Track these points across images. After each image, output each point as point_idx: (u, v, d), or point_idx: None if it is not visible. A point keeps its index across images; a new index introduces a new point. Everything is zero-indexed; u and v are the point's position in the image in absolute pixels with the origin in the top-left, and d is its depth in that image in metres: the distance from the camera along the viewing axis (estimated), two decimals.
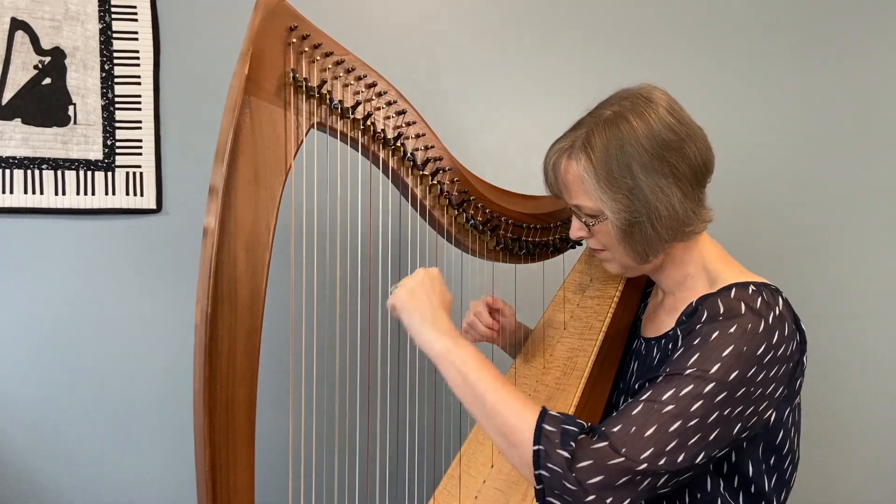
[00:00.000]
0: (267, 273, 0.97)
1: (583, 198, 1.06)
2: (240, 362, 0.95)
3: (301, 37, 1.00)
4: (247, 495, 0.96)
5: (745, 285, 1.03)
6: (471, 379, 0.97)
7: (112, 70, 1.62)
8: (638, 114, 1.03)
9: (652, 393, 0.95)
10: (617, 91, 1.09)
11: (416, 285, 1.05)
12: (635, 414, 0.93)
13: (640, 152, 1.01)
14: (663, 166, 1.02)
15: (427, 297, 1.04)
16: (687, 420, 0.92)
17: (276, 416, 1.35)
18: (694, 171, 1.04)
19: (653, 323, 1.18)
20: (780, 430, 1.03)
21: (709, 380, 0.93)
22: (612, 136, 1.02)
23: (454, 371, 0.98)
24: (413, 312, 1.03)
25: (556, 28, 1.82)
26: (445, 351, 0.99)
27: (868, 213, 1.96)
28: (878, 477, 2.00)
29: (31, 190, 1.59)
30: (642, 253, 1.06)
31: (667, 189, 1.02)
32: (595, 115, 1.07)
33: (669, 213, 1.03)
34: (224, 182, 0.93)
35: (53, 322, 1.64)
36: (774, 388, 0.98)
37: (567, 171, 1.07)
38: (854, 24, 1.93)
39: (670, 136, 1.02)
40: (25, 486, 1.64)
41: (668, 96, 1.06)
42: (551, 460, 0.90)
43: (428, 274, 1.07)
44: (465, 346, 1.00)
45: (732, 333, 0.96)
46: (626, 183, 1.02)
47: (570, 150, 1.06)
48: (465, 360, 0.98)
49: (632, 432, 0.91)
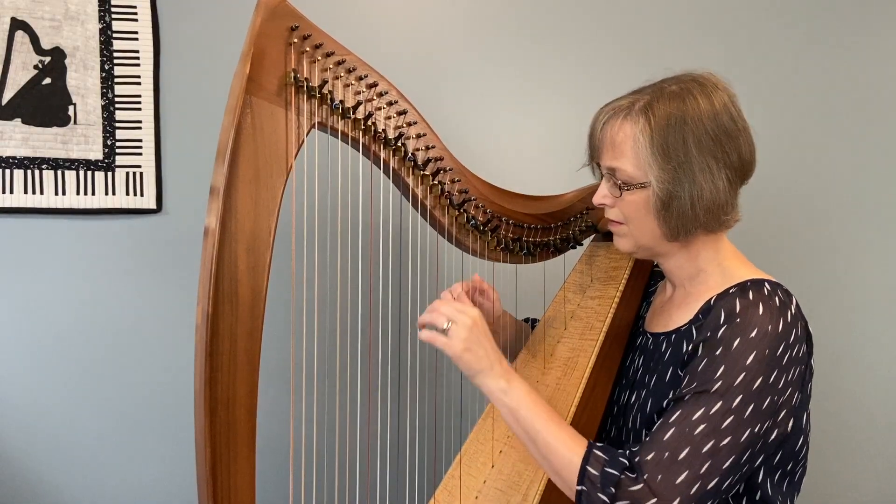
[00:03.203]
0: (268, 273, 0.97)
1: (627, 160, 1.06)
2: (240, 362, 0.95)
3: (302, 37, 1.00)
4: (247, 495, 0.96)
5: (761, 283, 1.03)
6: (522, 416, 1.01)
7: (112, 70, 1.62)
8: (705, 94, 1.04)
9: (681, 413, 0.96)
10: (682, 72, 1.10)
11: (469, 336, 1.03)
12: (668, 439, 0.95)
13: (700, 130, 1.02)
14: (717, 150, 1.03)
15: (481, 346, 1.03)
16: (720, 439, 0.94)
17: (276, 416, 1.34)
18: (742, 164, 1.06)
19: (660, 318, 1.18)
20: (800, 437, 1.05)
21: (736, 391, 0.95)
22: (675, 108, 1.03)
23: (507, 411, 1.03)
24: (471, 365, 1.03)
25: (558, 29, 1.82)
26: (501, 393, 1.03)
27: (869, 212, 1.96)
28: (878, 477, 2.00)
29: (31, 190, 1.59)
30: (674, 229, 1.06)
31: (716, 172, 1.03)
32: (658, 86, 1.07)
33: (712, 196, 1.03)
34: (225, 182, 0.93)
35: (53, 322, 1.63)
36: (791, 392, 0.99)
37: (620, 130, 1.06)
38: (854, 24, 1.93)
39: (730, 124, 1.04)
40: (25, 487, 1.64)
41: (731, 88, 1.08)
42: (592, 501, 0.95)
43: (474, 320, 1.04)
44: (518, 385, 1.03)
45: (753, 338, 0.97)
46: (679, 156, 1.02)
47: (629, 111, 1.06)
48: (519, 400, 1.02)
49: (665, 458, 0.94)
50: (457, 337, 1.03)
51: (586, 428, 1.13)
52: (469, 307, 1.06)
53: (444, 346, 1.04)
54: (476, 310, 1.06)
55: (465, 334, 1.03)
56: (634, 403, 1.13)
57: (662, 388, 1.07)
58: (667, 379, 1.07)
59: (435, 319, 1.05)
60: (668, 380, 1.07)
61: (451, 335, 1.03)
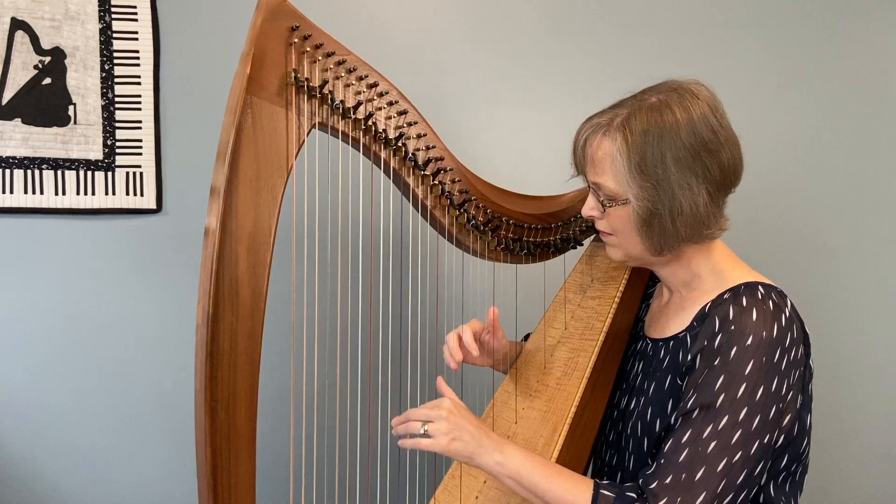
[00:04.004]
0: (268, 273, 0.97)
1: (608, 177, 1.05)
2: (241, 362, 0.95)
3: (303, 37, 1.00)
4: (247, 495, 0.96)
5: (755, 287, 1.03)
6: (525, 481, 1.01)
7: (112, 70, 1.62)
8: (684, 107, 1.01)
9: (691, 433, 0.96)
10: (665, 80, 1.07)
11: (450, 428, 1.02)
12: (682, 461, 0.95)
13: (678, 145, 1.00)
14: (696, 164, 1.01)
15: (465, 431, 1.02)
16: (732, 455, 0.94)
17: (276, 416, 1.34)
18: (724, 177, 1.03)
19: (658, 323, 1.17)
20: (804, 439, 1.05)
21: (740, 404, 0.95)
22: (653, 123, 1.01)
23: (510, 481, 1.02)
24: (462, 452, 1.02)
25: (558, 29, 1.82)
26: (499, 467, 1.02)
27: (868, 213, 1.96)
28: (879, 477, 2.00)
29: (31, 190, 1.59)
30: (657, 245, 1.06)
31: (695, 187, 1.01)
32: (639, 98, 1.05)
33: (692, 212, 1.02)
34: (225, 182, 0.93)
35: (53, 322, 1.63)
36: (793, 396, 0.99)
37: (599, 148, 1.05)
38: (855, 24, 1.93)
39: (710, 136, 1.01)
40: (25, 487, 1.64)
41: (714, 96, 1.05)
42: None
43: (448, 410, 1.03)
44: (512, 453, 1.02)
45: (750, 346, 0.96)
46: (657, 173, 1.01)
47: (607, 128, 1.04)
48: (518, 466, 1.01)
49: (682, 480, 0.94)
50: (439, 433, 1.01)
51: (586, 428, 1.13)
52: (440, 400, 1.05)
53: (429, 447, 1.02)
54: (446, 399, 1.05)
55: (446, 427, 1.01)
56: (634, 410, 1.13)
57: (661, 396, 1.07)
58: (665, 387, 1.07)
59: (410, 428, 1.04)
60: (666, 388, 1.07)
61: (433, 434, 1.02)
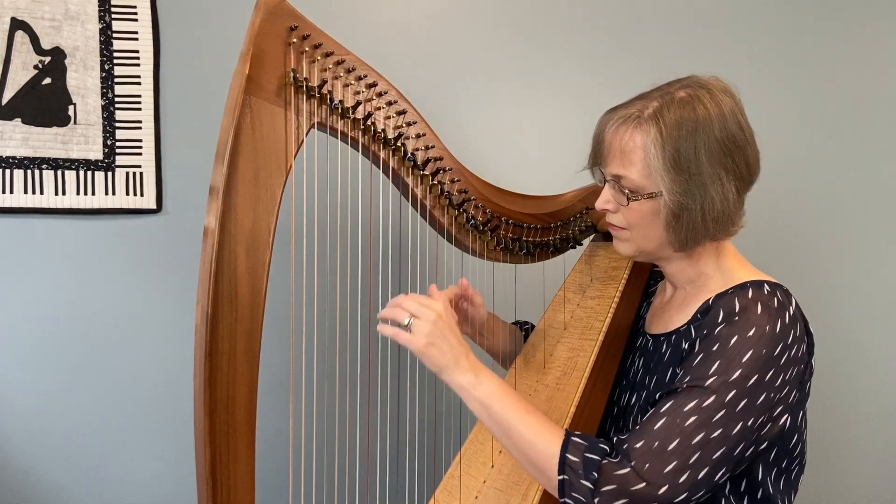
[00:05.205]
0: (267, 273, 0.97)
1: (635, 170, 1.03)
2: (240, 362, 0.95)
3: (301, 37, 1.00)
4: (247, 495, 0.96)
5: (760, 284, 1.03)
6: (494, 411, 0.98)
7: (112, 70, 1.62)
8: (715, 102, 1.01)
9: (673, 404, 0.95)
10: (688, 76, 1.06)
11: (432, 331, 0.99)
12: (658, 428, 0.94)
13: (711, 139, 1.00)
14: (727, 160, 1.01)
15: (445, 340, 1.00)
16: (710, 431, 0.93)
17: (276, 416, 1.35)
18: (749, 173, 1.04)
19: (660, 319, 1.17)
20: (794, 435, 1.04)
21: (730, 387, 0.94)
22: (686, 117, 1.00)
23: (478, 405, 0.99)
24: (435, 360, 1.00)
25: (558, 28, 1.82)
26: (470, 387, 0.99)
27: (868, 213, 1.96)
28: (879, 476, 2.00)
29: (31, 190, 1.59)
30: (682, 240, 1.04)
31: (726, 183, 1.01)
32: (665, 91, 1.04)
33: (723, 207, 1.02)
34: (224, 182, 0.93)
35: (53, 322, 1.64)
36: (788, 391, 0.99)
37: (631, 139, 1.03)
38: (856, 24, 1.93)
39: (738, 132, 1.02)
40: (25, 487, 1.64)
41: (736, 95, 1.05)
42: (575, 490, 0.93)
43: (438, 314, 1.00)
44: (487, 378, 1.00)
45: (751, 337, 0.96)
46: (690, 168, 1.00)
47: (638, 120, 1.02)
48: (490, 393, 0.99)
49: (655, 447, 0.93)
50: (419, 332, 0.99)
51: (586, 428, 1.13)
52: (433, 301, 1.02)
53: (406, 342, 1.00)
54: (440, 303, 1.02)
55: (429, 328, 0.99)
56: (634, 405, 1.13)
57: (662, 389, 1.07)
58: (666, 380, 1.07)
59: (396, 315, 1.02)
60: (667, 381, 1.07)
61: (413, 330, 1.00)
